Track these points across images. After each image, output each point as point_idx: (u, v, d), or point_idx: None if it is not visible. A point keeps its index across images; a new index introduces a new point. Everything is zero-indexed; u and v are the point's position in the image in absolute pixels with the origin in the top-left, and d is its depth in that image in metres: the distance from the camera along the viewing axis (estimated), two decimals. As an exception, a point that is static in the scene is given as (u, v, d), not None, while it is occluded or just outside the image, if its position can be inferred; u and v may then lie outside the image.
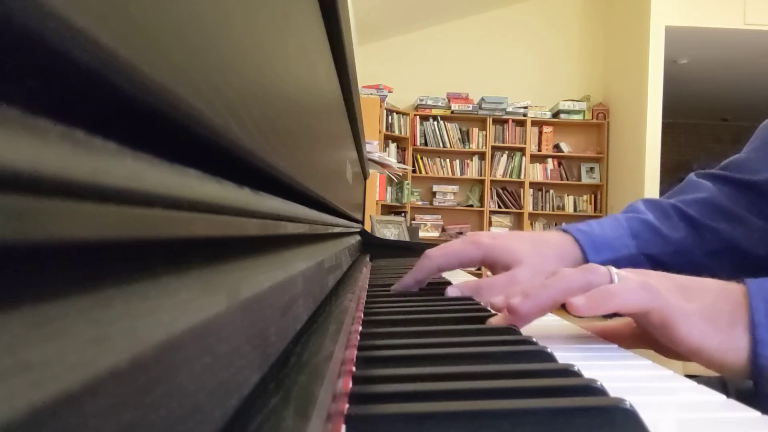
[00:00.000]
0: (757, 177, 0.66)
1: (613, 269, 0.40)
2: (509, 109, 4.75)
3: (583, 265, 0.42)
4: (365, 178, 1.45)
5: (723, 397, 0.27)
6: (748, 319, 0.38)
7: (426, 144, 4.76)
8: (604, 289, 0.38)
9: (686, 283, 0.40)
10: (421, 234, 4.31)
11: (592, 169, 4.83)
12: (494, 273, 0.62)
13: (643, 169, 4.04)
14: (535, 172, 4.79)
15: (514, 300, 0.40)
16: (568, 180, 4.81)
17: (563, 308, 0.41)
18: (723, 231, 0.67)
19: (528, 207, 4.75)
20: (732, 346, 0.37)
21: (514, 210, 4.76)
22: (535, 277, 0.52)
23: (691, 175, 0.75)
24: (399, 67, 4.85)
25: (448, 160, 4.81)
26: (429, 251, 0.62)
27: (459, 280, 0.62)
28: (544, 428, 0.21)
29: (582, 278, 0.40)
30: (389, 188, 4.53)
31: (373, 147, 1.61)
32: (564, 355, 0.32)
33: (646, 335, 0.42)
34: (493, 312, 0.44)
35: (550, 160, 4.83)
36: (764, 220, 0.65)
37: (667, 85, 4.10)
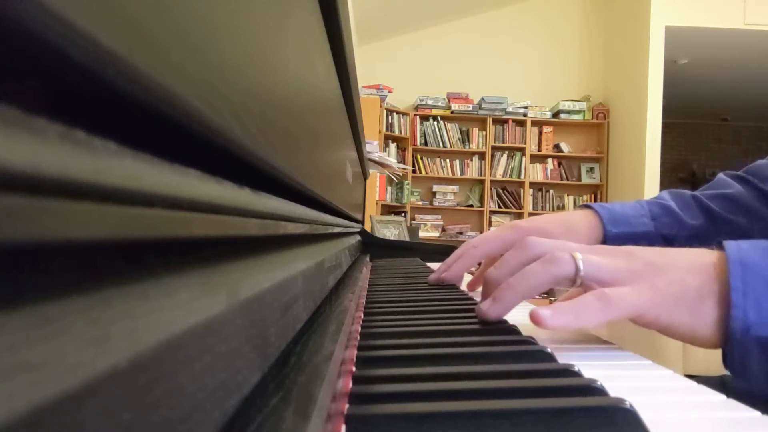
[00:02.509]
0: None
1: (578, 255, 0.40)
2: (509, 109, 4.75)
3: (546, 253, 0.42)
4: (365, 178, 1.45)
5: (723, 397, 0.27)
6: (720, 288, 0.38)
7: (426, 144, 4.76)
8: (595, 303, 0.37)
9: (656, 259, 0.40)
10: (421, 234, 4.31)
11: (592, 169, 4.83)
12: None
13: (643, 169, 4.03)
14: (535, 172, 4.79)
15: (483, 305, 0.42)
16: (568, 180, 4.81)
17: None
18: (739, 224, 0.70)
19: (528, 207, 4.74)
20: (701, 323, 0.38)
21: (514, 210, 4.75)
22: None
23: (720, 174, 0.78)
24: (399, 67, 4.85)
25: (448, 160, 4.81)
26: (471, 241, 0.67)
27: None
28: (544, 428, 0.21)
29: (546, 273, 0.40)
30: (389, 188, 4.52)
31: (373, 147, 1.61)
32: (564, 355, 0.32)
33: None
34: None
35: (550, 160, 4.83)
36: None
37: (667, 85, 4.10)
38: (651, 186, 4.01)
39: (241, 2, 0.18)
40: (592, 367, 0.31)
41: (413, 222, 4.63)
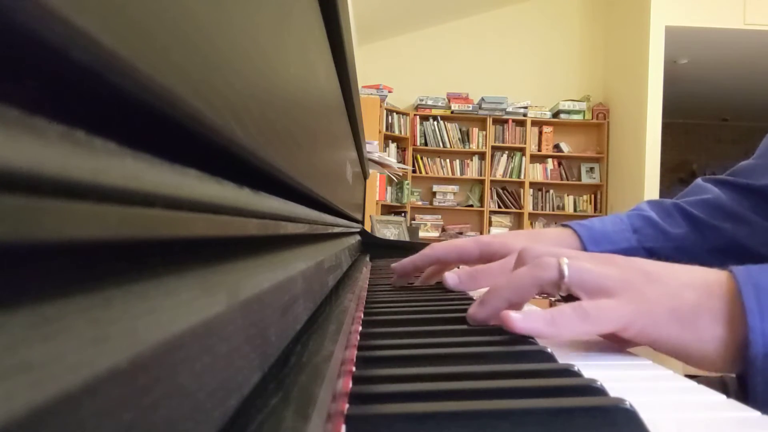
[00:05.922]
0: (760, 182, 0.67)
1: (564, 260, 0.39)
2: (509, 109, 4.75)
3: (535, 259, 0.41)
4: (365, 178, 1.45)
5: (723, 397, 0.27)
6: (725, 308, 0.36)
7: (426, 144, 4.76)
8: (570, 315, 0.36)
9: (654, 269, 0.39)
10: (421, 234, 4.31)
11: (592, 169, 4.83)
12: None
13: (643, 169, 4.03)
14: (535, 172, 4.79)
15: (470, 309, 0.41)
16: (568, 180, 4.81)
17: (565, 299, 0.40)
18: (726, 230, 0.68)
19: (528, 207, 4.74)
20: (694, 337, 0.36)
21: (514, 210, 4.75)
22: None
23: (698, 180, 0.76)
24: (399, 67, 4.85)
25: (448, 160, 4.81)
26: (433, 244, 0.66)
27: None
28: (544, 428, 0.21)
29: (530, 277, 0.40)
30: (389, 188, 4.52)
31: (373, 147, 1.61)
32: (564, 355, 0.32)
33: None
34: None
35: (550, 160, 4.83)
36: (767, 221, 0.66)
37: (667, 85, 4.10)
38: (651, 186, 4.01)
39: (241, 2, 0.18)
40: (592, 367, 0.31)
41: (413, 222, 4.63)
